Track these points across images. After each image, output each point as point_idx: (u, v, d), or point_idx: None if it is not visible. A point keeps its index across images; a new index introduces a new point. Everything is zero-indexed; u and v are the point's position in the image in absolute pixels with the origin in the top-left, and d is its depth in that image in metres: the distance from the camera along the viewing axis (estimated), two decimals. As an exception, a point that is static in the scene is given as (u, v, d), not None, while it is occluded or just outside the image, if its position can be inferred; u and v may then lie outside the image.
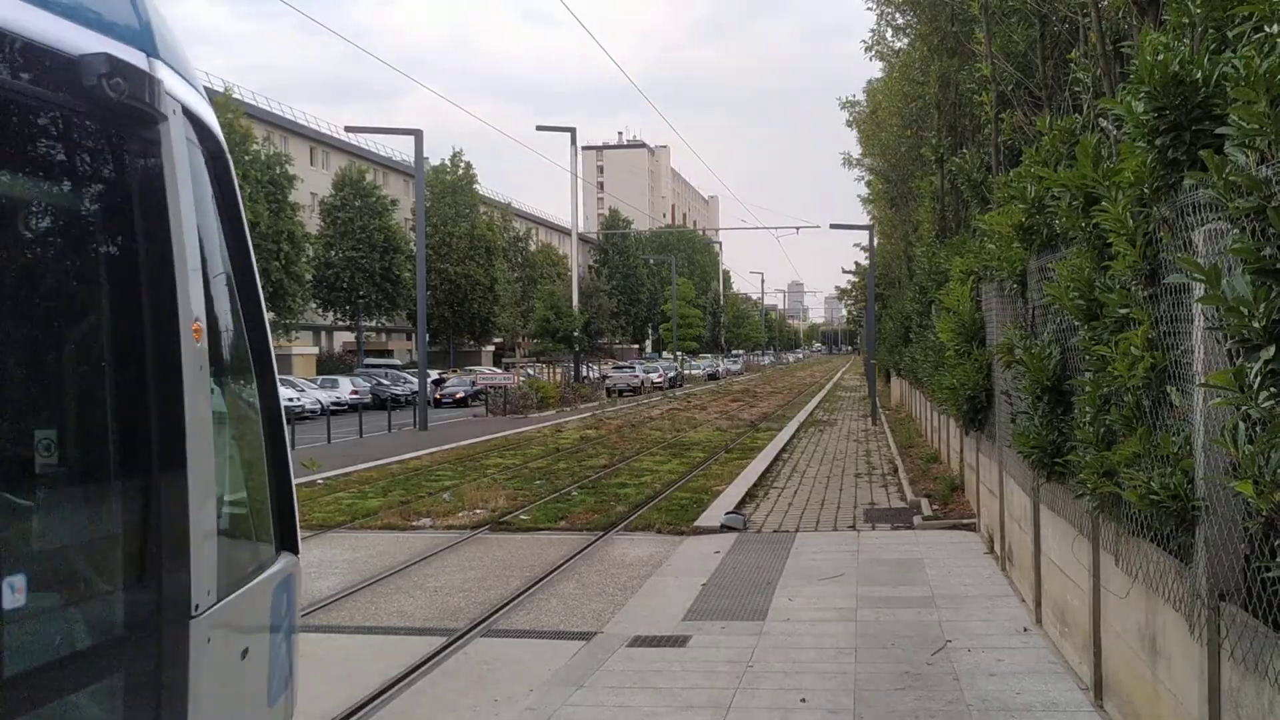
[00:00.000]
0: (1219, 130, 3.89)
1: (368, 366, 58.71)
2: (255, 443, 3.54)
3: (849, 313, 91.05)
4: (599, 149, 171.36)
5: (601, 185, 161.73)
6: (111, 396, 2.69)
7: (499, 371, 54.61)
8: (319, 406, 39.46)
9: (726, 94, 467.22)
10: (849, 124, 34.92)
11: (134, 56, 2.70)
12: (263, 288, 3.73)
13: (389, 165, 78.66)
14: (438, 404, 45.47)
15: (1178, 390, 4.69)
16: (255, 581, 3.28)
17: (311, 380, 46.50)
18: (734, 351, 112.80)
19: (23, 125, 2.40)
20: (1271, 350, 3.35)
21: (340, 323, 66.28)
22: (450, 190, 69.35)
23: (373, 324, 68.06)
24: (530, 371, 51.36)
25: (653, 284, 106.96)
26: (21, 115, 2.38)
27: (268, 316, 3.69)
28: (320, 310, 62.44)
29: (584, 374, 58.03)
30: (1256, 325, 3.39)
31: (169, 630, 2.70)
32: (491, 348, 79.06)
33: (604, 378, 60.24)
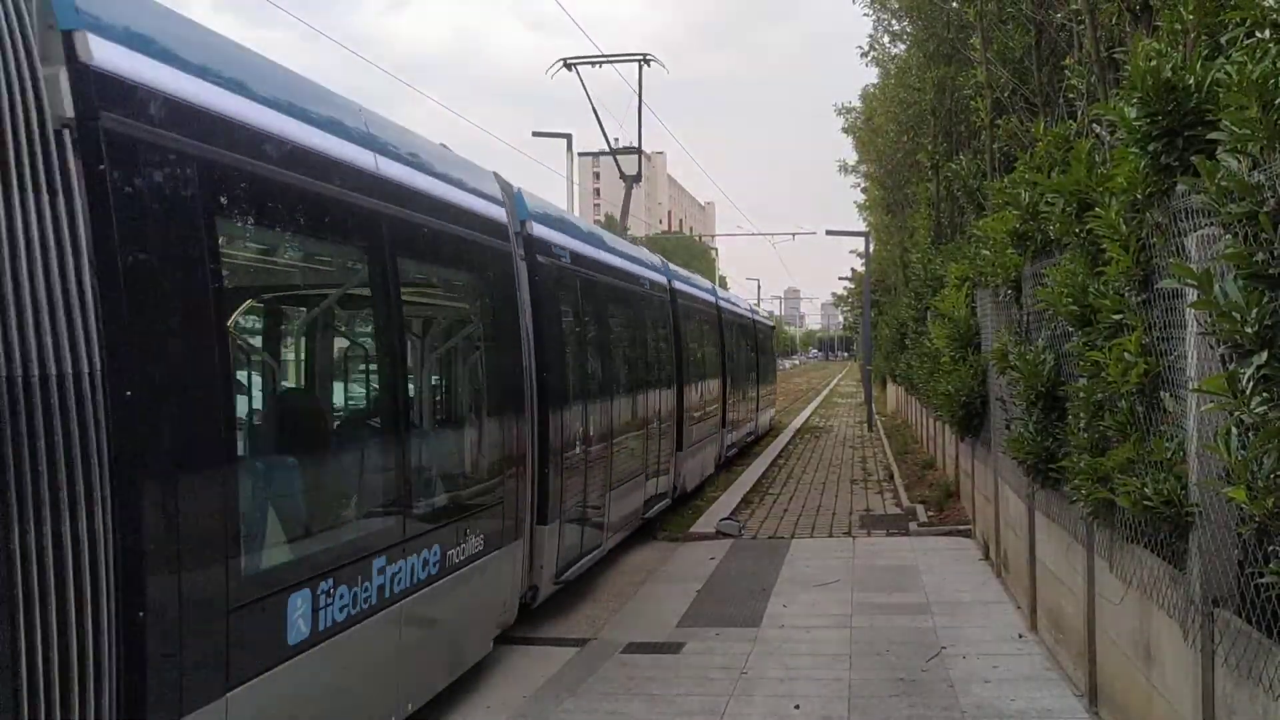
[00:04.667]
0: (1211, 136, 3.90)
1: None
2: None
3: (845, 319, 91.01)
4: (595, 155, 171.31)
5: (598, 191, 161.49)
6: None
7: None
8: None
9: (724, 99, 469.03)
10: (845, 131, 34.89)
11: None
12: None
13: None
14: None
15: (1171, 396, 4.69)
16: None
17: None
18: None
19: (756, 331, 27.65)
20: (1264, 356, 3.35)
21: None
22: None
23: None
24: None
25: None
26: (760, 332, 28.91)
27: None
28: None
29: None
30: (1249, 330, 3.39)
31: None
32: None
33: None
